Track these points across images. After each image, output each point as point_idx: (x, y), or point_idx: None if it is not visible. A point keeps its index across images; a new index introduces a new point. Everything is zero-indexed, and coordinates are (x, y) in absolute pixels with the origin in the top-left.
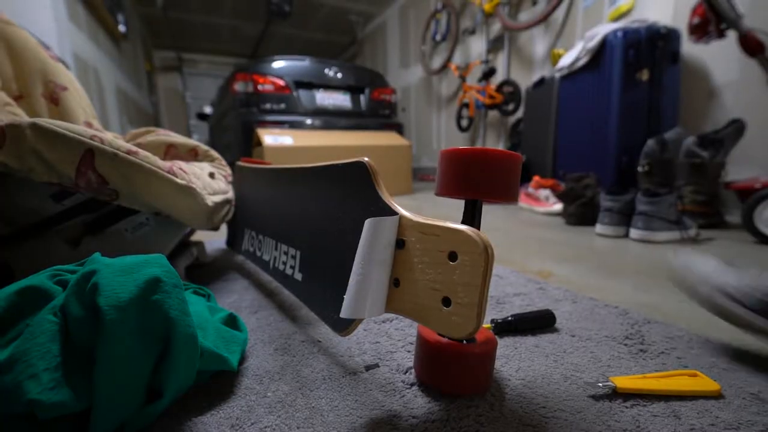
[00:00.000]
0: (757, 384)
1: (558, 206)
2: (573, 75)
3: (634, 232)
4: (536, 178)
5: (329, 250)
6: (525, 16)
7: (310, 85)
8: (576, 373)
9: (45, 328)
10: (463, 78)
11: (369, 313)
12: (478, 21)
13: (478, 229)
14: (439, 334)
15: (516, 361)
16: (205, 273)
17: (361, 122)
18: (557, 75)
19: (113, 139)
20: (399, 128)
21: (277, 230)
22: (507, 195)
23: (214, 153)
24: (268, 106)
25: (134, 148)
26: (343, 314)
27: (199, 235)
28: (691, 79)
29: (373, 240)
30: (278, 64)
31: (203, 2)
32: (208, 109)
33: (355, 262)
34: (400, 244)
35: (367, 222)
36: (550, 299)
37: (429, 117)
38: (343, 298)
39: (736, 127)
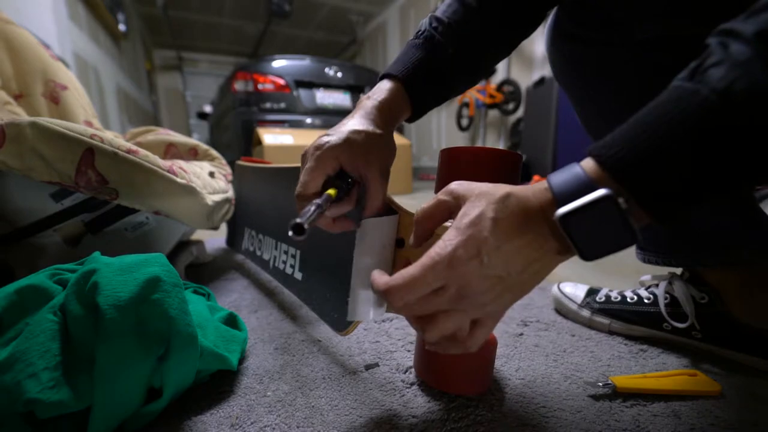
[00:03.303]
0: (758, 384)
1: None
2: None
3: None
4: (536, 177)
5: (329, 249)
6: None
7: (310, 85)
8: (576, 373)
9: (45, 327)
10: None
11: (374, 315)
12: None
13: None
14: None
15: (516, 361)
16: (205, 272)
17: None
18: None
19: (113, 138)
20: (399, 127)
21: (277, 229)
22: None
23: (214, 152)
24: (268, 105)
25: (134, 148)
26: (349, 318)
27: (199, 234)
28: None
29: (371, 240)
30: (278, 63)
31: (203, 2)
32: (208, 108)
33: (355, 264)
34: (400, 243)
35: (364, 222)
36: (549, 299)
37: (429, 116)
38: (344, 300)
39: None
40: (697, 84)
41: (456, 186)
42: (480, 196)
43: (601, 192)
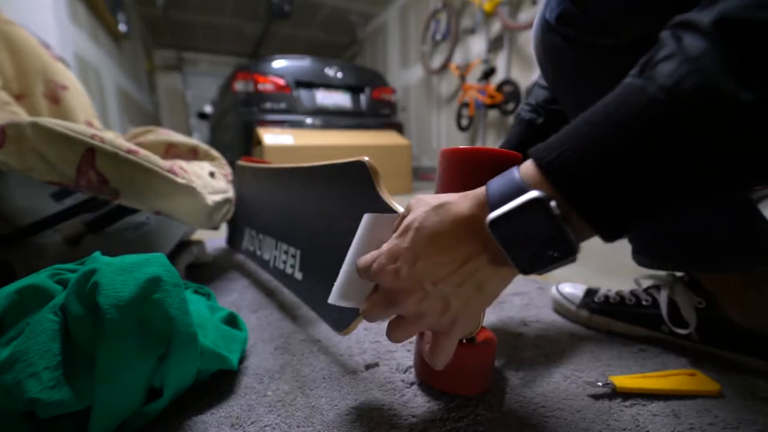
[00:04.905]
0: (757, 384)
1: None
2: None
3: None
4: None
5: (329, 249)
6: (525, 15)
7: (310, 85)
8: (576, 373)
9: (45, 327)
10: (463, 77)
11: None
12: (478, 21)
13: None
14: None
15: (516, 361)
16: (206, 272)
17: (361, 122)
18: None
19: (114, 138)
20: (399, 128)
21: (278, 229)
22: None
23: (215, 152)
24: (268, 105)
25: (135, 148)
26: (330, 300)
27: (200, 234)
28: None
29: (369, 235)
30: (279, 63)
31: (204, 2)
32: (208, 109)
33: (349, 253)
34: None
35: (366, 216)
36: (549, 299)
37: (429, 116)
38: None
39: None
40: (646, 80)
41: (414, 199)
42: (418, 207)
43: (530, 195)
